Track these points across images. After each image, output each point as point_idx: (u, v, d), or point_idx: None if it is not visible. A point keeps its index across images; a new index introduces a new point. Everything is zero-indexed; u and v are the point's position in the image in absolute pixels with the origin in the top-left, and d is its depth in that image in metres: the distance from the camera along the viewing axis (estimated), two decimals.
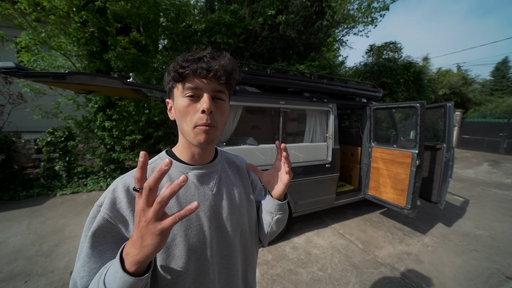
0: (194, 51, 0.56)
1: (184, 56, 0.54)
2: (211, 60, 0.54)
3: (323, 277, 2.25)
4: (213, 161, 0.69)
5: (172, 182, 0.57)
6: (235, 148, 2.45)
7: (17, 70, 1.49)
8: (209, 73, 0.53)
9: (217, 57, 0.55)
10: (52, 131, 4.71)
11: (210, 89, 0.55)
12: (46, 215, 3.52)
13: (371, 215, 3.73)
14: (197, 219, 0.59)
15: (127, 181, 0.57)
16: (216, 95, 0.57)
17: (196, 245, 0.58)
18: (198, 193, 0.62)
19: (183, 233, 0.56)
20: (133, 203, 0.53)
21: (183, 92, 0.55)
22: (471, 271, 2.38)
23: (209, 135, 0.56)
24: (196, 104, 0.55)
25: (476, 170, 7.17)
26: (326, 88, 2.94)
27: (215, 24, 5.85)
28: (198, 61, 0.53)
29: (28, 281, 2.12)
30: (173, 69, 0.54)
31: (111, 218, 0.51)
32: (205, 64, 0.53)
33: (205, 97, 0.54)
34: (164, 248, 0.54)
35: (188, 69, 0.52)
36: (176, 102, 0.57)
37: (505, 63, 23.12)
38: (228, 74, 0.55)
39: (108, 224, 0.51)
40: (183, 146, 0.63)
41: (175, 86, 0.57)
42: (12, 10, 4.54)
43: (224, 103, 0.59)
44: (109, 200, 0.53)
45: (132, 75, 2.06)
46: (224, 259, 0.64)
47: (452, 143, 2.98)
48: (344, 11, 6.88)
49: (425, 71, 10.95)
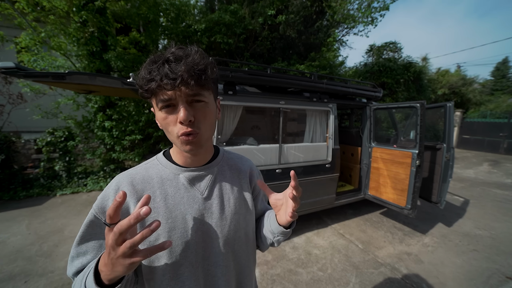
0: (159, 53, 0.51)
1: (146, 67, 0.50)
2: (175, 64, 0.48)
3: (323, 277, 2.25)
4: (210, 163, 0.67)
5: (163, 181, 0.61)
6: (235, 148, 2.45)
7: (17, 70, 1.49)
8: (175, 82, 0.47)
9: (181, 57, 0.49)
10: (52, 131, 4.71)
11: (183, 98, 0.51)
12: (46, 215, 3.52)
13: (371, 215, 3.73)
14: (183, 222, 0.58)
15: (120, 181, 0.59)
16: (193, 99, 0.52)
17: (179, 248, 0.57)
18: (187, 195, 0.61)
19: (167, 234, 0.56)
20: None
21: (158, 105, 0.52)
22: (471, 271, 2.38)
23: (193, 144, 0.55)
24: (173, 115, 0.52)
25: (476, 170, 7.17)
26: (326, 88, 2.94)
27: (215, 24, 5.85)
28: (162, 68, 0.48)
29: (28, 281, 2.12)
30: (139, 86, 0.51)
31: (98, 215, 0.56)
32: (169, 71, 0.47)
33: (179, 108, 0.51)
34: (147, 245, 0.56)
35: (152, 83, 0.48)
36: (156, 115, 0.55)
37: (505, 63, 23.14)
38: (197, 75, 0.49)
39: (96, 220, 0.56)
40: (176, 149, 0.64)
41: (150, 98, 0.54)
42: (11, 10, 4.54)
43: (205, 105, 0.54)
44: (100, 198, 0.57)
45: (132, 75, 2.06)
46: (213, 266, 0.61)
47: (452, 143, 2.98)
48: (344, 11, 6.88)
49: (425, 71, 10.95)
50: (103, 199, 0.57)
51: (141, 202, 0.43)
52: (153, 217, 0.57)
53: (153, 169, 0.63)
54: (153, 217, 0.57)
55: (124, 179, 0.59)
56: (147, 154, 5.26)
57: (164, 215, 0.57)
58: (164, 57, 0.49)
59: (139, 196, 0.58)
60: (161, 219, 0.57)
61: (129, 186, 0.58)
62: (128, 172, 0.61)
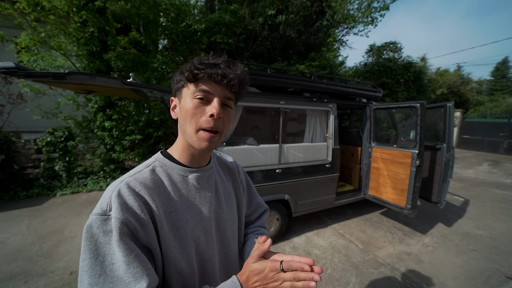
0: (210, 57, 0.56)
1: (200, 59, 0.55)
2: (226, 68, 0.54)
3: (323, 277, 2.25)
4: (210, 163, 0.69)
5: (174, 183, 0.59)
6: (235, 148, 2.45)
7: (17, 70, 1.49)
8: (223, 80, 0.54)
9: (232, 66, 0.56)
10: (52, 131, 4.71)
11: (222, 95, 0.56)
12: (46, 215, 3.52)
13: (371, 215, 3.73)
14: (200, 221, 0.61)
15: (131, 184, 0.53)
16: (225, 102, 0.57)
17: (201, 246, 0.60)
18: (199, 195, 0.62)
19: (189, 235, 0.58)
20: (143, 207, 0.51)
21: (193, 93, 0.55)
22: (471, 271, 2.38)
23: (212, 144, 0.57)
24: (205, 107, 0.55)
25: (476, 170, 7.18)
26: (326, 88, 2.94)
27: (215, 24, 5.84)
28: (214, 66, 0.54)
29: (28, 281, 2.12)
30: (188, 69, 0.54)
31: (128, 222, 0.47)
32: (221, 70, 0.53)
33: (215, 102, 0.54)
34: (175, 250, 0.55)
35: (203, 71, 0.53)
36: (184, 101, 0.57)
37: (505, 63, 23.15)
38: (240, 84, 0.57)
39: (127, 230, 0.47)
40: (182, 147, 0.62)
41: (186, 85, 0.56)
42: (11, 10, 4.54)
43: (231, 111, 0.60)
44: (119, 205, 0.48)
45: (132, 75, 2.06)
46: (223, 257, 0.68)
47: (452, 143, 2.98)
48: (344, 11, 6.88)
49: (425, 71, 10.96)
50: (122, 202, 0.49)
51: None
52: (173, 220, 0.56)
53: (159, 171, 0.59)
54: (173, 220, 0.56)
55: (133, 180, 0.54)
56: (147, 154, 5.25)
57: (184, 217, 0.58)
58: (217, 61, 0.55)
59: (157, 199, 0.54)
60: (182, 221, 0.57)
61: (144, 188, 0.53)
62: (135, 176, 0.55)
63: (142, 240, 0.49)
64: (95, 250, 0.45)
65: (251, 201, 0.86)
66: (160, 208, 0.54)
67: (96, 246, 0.45)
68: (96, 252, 0.45)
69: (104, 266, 0.45)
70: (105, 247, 0.46)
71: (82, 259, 0.45)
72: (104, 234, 0.46)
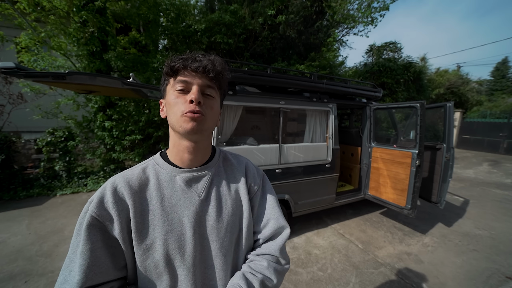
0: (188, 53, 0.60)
1: (177, 55, 0.58)
2: (201, 57, 0.58)
3: (323, 277, 2.25)
4: (207, 164, 0.66)
5: (160, 183, 0.60)
6: (235, 148, 2.45)
7: (17, 70, 1.49)
8: (199, 67, 0.56)
9: (208, 56, 0.59)
10: (52, 131, 4.71)
11: (200, 83, 0.57)
12: (46, 215, 3.52)
13: (371, 215, 3.73)
14: (179, 224, 0.58)
15: (116, 181, 0.58)
16: (205, 91, 0.58)
17: (175, 250, 0.56)
18: (184, 197, 0.60)
19: (163, 237, 0.56)
20: (118, 203, 0.55)
21: (174, 86, 0.58)
22: (471, 271, 2.38)
23: (197, 122, 0.56)
24: (185, 96, 0.57)
25: (476, 170, 7.17)
26: (326, 88, 2.94)
27: (215, 24, 5.85)
28: (190, 58, 0.57)
29: (28, 281, 2.12)
30: (166, 64, 0.58)
31: (98, 216, 0.54)
32: (196, 60, 0.57)
33: (193, 89, 0.56)
34: (143, 249, 0.55)
35: (179, 62, 0.56)
36: (167, 97, 0.59)
37: (505, 63, 23.14)
38: (217, 71, 0.58)
39: (95, 222, 0.53)
40: (173, 144, 0.62)
41: (168, 82, 0.59)
42: (12, 10, 4.54)
43: (214, 100, 0.60)
44: (97, 199, 0.56)
45: (132, 75, 2.07)
46: (209, 269, 0.60)
47: (452, 143, 2.98)
48: (344, 11, 6.88)
49: (425, 71, 10.96)
50: (100, 198, 0.56)
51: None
52: (149, 219, 0.57)
53: (149, 170, 0.62)
54: (149, 219, 0.57)
55: (120, 179, 0.59)
56: (147, 154, 5.25)
57: (161, 218, 0.57)
58: (194, 54, 0.59)
59: (136, 198, 0.57)
60: (158, 221, 0.56)
61: (126, 186, 0.57)
62: (124, 173, 0.61)
63: (111, 232, 0.55)
64: (77, 230, 0.54)
65: (260, 214, 0.71)
66: (138, 205, 0.57)
67: (78, 227, 0.55)
68: (77, 232, 0.54)
69: (76, 245, 0.53)
70: (81, 230, 0.53)
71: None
72: (84, 219, 0.54)
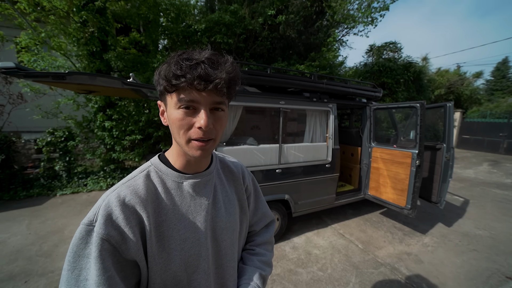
0: (191, 52, 0.48)
1: (178, 62, 0.46)
2: (210, 69, 0.46)
3: (323, 277, 2.25)
4: (209, 168, 0.65)
5: (168, 191, 0.57)
6: (235, 148, 2.45)
7: (17, 70, 1.49)
8: (207, 86, 0.46)
9: (217, 63, 0.47)
10: (52, 131, 4.71)
11: (209, 102, 0.49)
12: (46, 215, 3.52)
13: (371, 215, 3.73)
14: (193, 231, 0.57)
15: (121, 193, 0.51)
16: (215, 107, 0.51)
17: (192, 257, 0.56)
18: (194, 203, 0.59)
19: (179, 246, 0.54)
20: (130, 219, 0.49)
21: (176, 104, 0.48)
22: (471, 271, 2.38)
23: (205, 151, 0.52)
24: (191, 118, 0.49)
25: (476, 170, 7.17)
26: (326, 88, 2.94)
27: (215, 24, 5.85)
28: (196, 67, 0.45)
29: (28, 281, 2.12)
30: (165, 77, 0.47)
31: (109, 238, 0.46)
32: (203, 72, 0.45)
33: (202, 113, 0.48)
34: (162, 263, 0.52)
35: (183, 79, 0.45)
36: (169, 111, 0.51)
37: (505, 63, 23.12)
38: (229, 85, 0.49)
39: (107, 245, 0.46)
40: (177, 153, 0.58)
41: (168, 94, 0.50)
42: (12, 10, 4.54)
43: (223, 114, 0.53)
44: (103, 218, 0.47)
45: (132, 75, 2.07)
46: (220, 268, 0.62)
47: (452, 143, 2.98)
48: (344, 11, 6.88)
49: (425, 71, 10.96)
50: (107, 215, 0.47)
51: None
52: (164, 230, 0.54)
53: (153, 178, 0.57)
54: (164, 230, 0.54)
55: (125, 190, 0.52)
56: (147, 154, 5.25)
57: (175, 227, 0.55)
58: (199, 59, 0.46)
59: (149, 208, 0.52)
60: (172, 231, 0.55)
61: (136, 197, 0.51)
62: (127, 183, 0.54)
63: (125, 254, 0.48)
64: (73, 263, 0.46)
65: (257, 209, 0.79)
66: (151, 217, 0.52)
67: (74, 258, 0.46)
68: (73, 264, 0.46)
69: (78, 281, 0.45)
70: (83, 261, 0.46)
71: (63, 268, 0.47)
72: (86, 246, 0.46)
